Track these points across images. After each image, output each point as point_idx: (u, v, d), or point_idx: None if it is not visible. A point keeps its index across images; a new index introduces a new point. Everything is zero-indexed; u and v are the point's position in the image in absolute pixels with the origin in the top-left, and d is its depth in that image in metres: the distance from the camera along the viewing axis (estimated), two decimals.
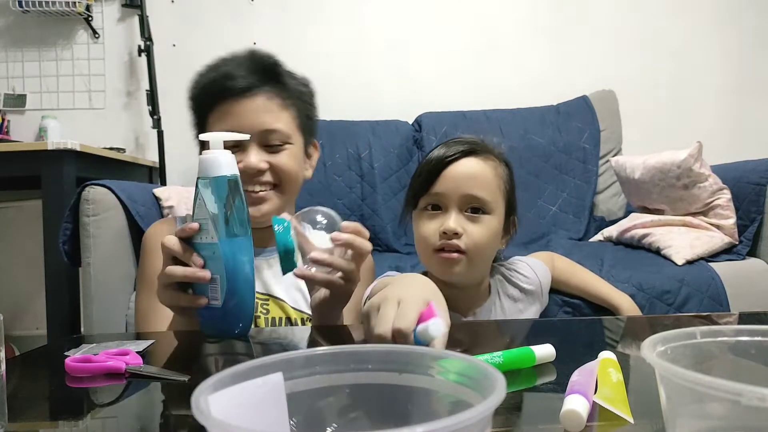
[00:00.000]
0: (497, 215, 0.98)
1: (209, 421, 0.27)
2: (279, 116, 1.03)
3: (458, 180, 0.96)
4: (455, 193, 0.96)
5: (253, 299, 0.79)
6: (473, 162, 0.98)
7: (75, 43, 2.52)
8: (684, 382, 0.33)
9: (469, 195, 0.95)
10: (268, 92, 1.03)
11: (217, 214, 0.75)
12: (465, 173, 0.97)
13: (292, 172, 1.05)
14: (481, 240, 0.95)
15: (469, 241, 0.94)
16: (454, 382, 0.34)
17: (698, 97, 2.50)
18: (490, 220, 0.96)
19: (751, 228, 1.65)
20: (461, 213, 0.96)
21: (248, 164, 1.00)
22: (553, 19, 2.51)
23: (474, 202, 0.96)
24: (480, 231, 0.95)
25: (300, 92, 1.08)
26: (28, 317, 2.39)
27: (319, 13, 2.50)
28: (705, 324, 0.58)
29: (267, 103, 1.02)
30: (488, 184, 0.97)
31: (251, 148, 1.01)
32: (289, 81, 1.06)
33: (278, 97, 1.03)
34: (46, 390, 0.58)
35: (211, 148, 0.78)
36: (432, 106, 2.30)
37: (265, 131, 1.02)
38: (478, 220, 0.96)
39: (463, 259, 0.95)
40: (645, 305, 1.44)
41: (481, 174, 0.97)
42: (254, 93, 1.02)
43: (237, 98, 1.01)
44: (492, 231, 0.97)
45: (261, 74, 1.03)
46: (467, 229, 0.95)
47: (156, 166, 2.37)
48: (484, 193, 0.96)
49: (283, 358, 0.36)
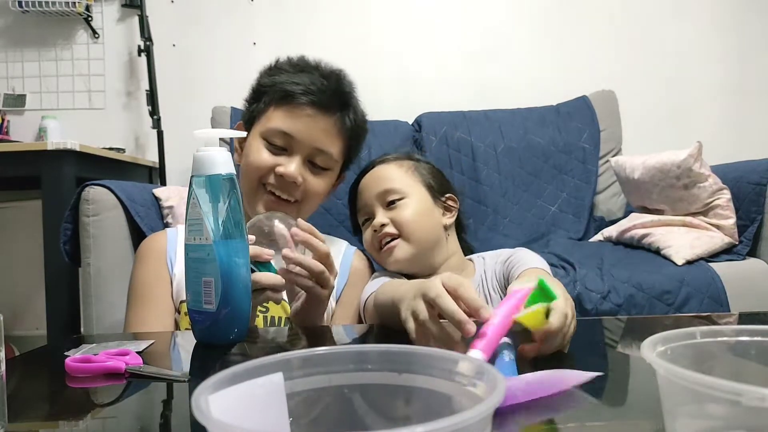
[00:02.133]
0: (416, 195, 1.10)
1: (209, 421, 0.27)
2: (335, 142, 1.09)
3: (368, 187, 1.12)
4: (371, 197, 1.11)
5: (249, 303, 0.76)
6: (378, 167, 1.15)
7: (75, 43, 2.52)
8: (684, 382, 0.33)
9: (381, 192, 1.09)
10: (340, 118, 1.09)
11: (212, 215, 0.72)
12: (372, 178, 1.13)
13: (318, 197, 1.11)
14: (406, 218, 1.07)
15: (396, 223, 1.07)
16: (454, 382, 0.34)
17: (698, 97, 2.50)
18: (409, 201, 1.09)
19: (751, 228, 1.65)
20: (384, 209, 1.09)
21: (288, 173, 1.03)
22: (553, 20, 2.51)
23: (388, 195, 1.09)
24: (402, 212, 1.07)
25: (359, 130, 1.14)
26: (28, 317, 2.39)
27: (319, 13, 2.50)
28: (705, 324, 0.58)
29: (334, 126, 1.08)
30: (393, 175, 1.11)
31: (296, 158, 1.05)
32: (357, 113, 1.13)
33: (344, 125, 1.10)
34: (46, 390, 0.58)
35: (205, 145, 0.74)
36: (432, 106, 2.30)
37: (318, 149, 1.07)
38: (398, 206, 1.08)
39: (399, 242, 1.06)
40: (645, 305, 1.44)
41: (386, 171, 1.13)
42: (330, 113, 1.07)
43: (314, 110, 1.05)
44: (415, 208, 1.08)
45: (341, 98, 1.10)
46: (392, 217, 1.07)
47: (156, 166, 2.37)
48: (392, 184, 1.10)
49: (283, 358, 0.36)
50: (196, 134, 0.78)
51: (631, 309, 1.44)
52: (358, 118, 1.13)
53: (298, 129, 1.05)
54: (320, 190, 1.10)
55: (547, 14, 2.51)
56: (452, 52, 2.51)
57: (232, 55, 2.43)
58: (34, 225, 1.95)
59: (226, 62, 2.42)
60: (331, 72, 1.12)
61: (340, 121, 1.09)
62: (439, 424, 0.24)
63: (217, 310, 0.72)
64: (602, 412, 0.46)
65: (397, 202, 1.08)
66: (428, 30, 2.51)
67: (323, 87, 1.07)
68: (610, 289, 1.45)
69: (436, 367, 0.36)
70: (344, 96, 1.11)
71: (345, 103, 1.10)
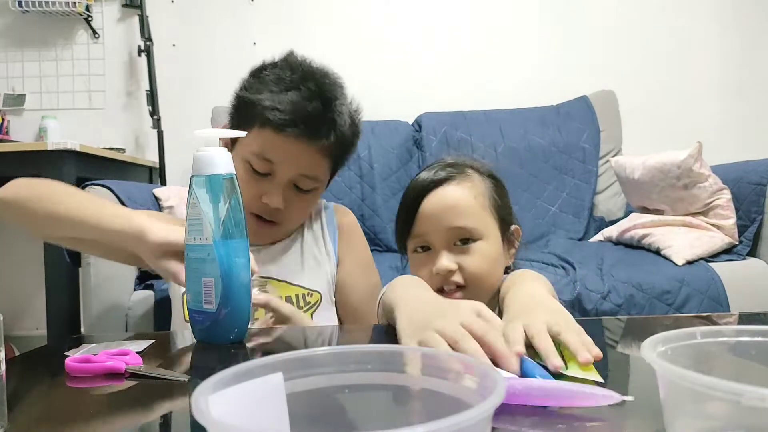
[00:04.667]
0: (491, 237, 0.90)
1: (209, 421, 0.27)
2: (321, 164, 1.02)
3: (437, 216, 0.89)
4: (437, 229, 0.89)
5: (249, 303, 0.75)
6: (448, 191, 0.90)
7: (75, 43, 2.52)
8: (684, 382, 0.33)
9: (453, 228, 0.88)
10: (327, 141, 0.99)
11: (212, 215, 0.72)
12: (441, 206, 0.89)
13: (301, 217, 1.09)
14: (478, 269, 0.87)
15: (466, 275, 0.87)
16: (454, 382, 0.34)
17: (698, 97, 2.50)
18: (484, 246, 0.88)
19: (751, 228, 1.65)
20: (451, 247, 0.88)
21: (273, 205, 1.00)
22: (553, 20, 2.51)
23: (460, 233, 0.88)
24: (475, 260, 0.87)
25: (348, 140, 1.05)
26: (28, 317, 2.39)
27: (319, 13, 2.50)
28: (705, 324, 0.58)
29: (319, 152, 1.00)
30: (469, 209, 0.89)
31: (280, 185, 1.00)
32: (345, 129, 1.02)
33: (328, 147, 1.01)
34: (46, 390, 0.58)
35: (205, 145, 0.74)
36: (432, 106, 2.30)
37: (302, 175, 1.01)
38: (470, 251, 0.88)
39: (466, 293, 0.88)
40: (645, 305, 1.44)
41: (459, 202, 0.89)
42: (317, 139, 0.98)
43: (298, 136, 0.97)
44: (489, 256, 0.89)
45: (322, 119, 0.99)
46: (461, 263, 0.87)
47: (156, 166, 2.37)
48: (467, 221, 0.88)
49: (283, 358, 0.36)
50: (196, 134, 0.78)
51: (631, 309, 1.44)
52: (346, 130, 1.03)
53: (282, 158, 0.98)
54: (305, 209, 1.08)
55: (548, 14, 2.51)
56: (452, 53, 2.51)
57: (232, 55, 2.43)
58: None
59: (226, 62, 2.42)
60: (317, 86, 1.00)
61: (326, 144, 1.00)
62: (439, 424, 0.24)
63: (217, 310, 0.72)
64: (602, 412, 0.46)
65: (470, 243, 0.88)
66: (428, 30, 2.52)
67: (310, 112, 0.97)
68: (610, 289, 1.45)
69: (435, 367, 0.36)
70: (331, 114, 1.00)
71: (332, 121, 1.00)
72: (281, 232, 1.08)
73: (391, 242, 2.05)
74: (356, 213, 2.09)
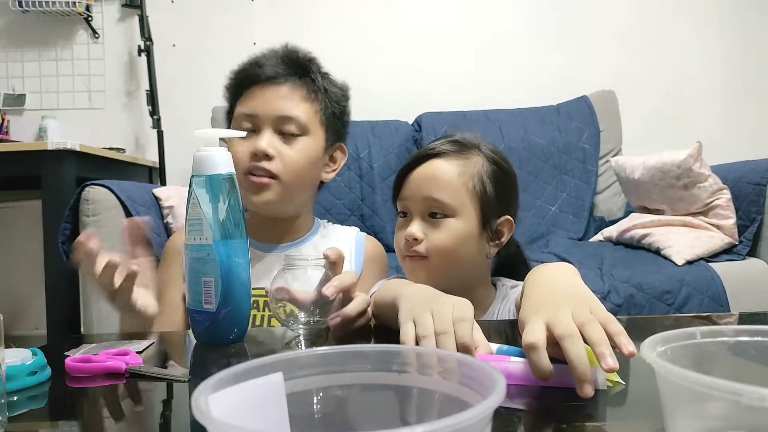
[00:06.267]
0: (465, 218, 0.91)
1: (209, 421, 0.27)
2: (299, 105, 1.04)
3: (418, 183, 0.93)
4: (416, 197, 0.92)
5: (248, 304, 0.76)
6: (436, 163, 0.93)
7: (75, 43, 2.52)
8: (684, 382, 0.33)
9: (427, 198, 0.91)
10: (294, 83, 1.04)
11: (212, 214, 0.72)
12: (423, 176, 0.93)
13: (297, 167, 1.02)
14: (440, 243, 0.90)
15: (430, 246, 0.90)
16: (453, 382, 0.34)
17: (698, 97, 2.50)
18: (454, 223, 0.90)
19: (751, 228, 1.65)
20: (425, 217, 0.92)
21: (257, 147, 1.00)
22: (553, 20, 2.51)
23: (434, 205, 0.91)
24: (441, 235, 0.90)
25: (329, 90, 1.08)
26: (28, 317, 2.39)
27: (319, 12, 2.50)
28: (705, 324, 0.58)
29: (290, 92, 1.04)
30: (448, 184, 0.91)
31: (265, 132, 1.02)
32: (318, 77, 1.07)
33: (303, 88, 1.04)
34: (46, 390, 0.58)
35: (205, 145, 0.74)
36: (432, 106, 2.30)
37: (281, 117, 1.02)
38: (440, 225, 0.90)
39: (426, 264, 0.91)
40: (645, 305, 1.44)
41: (442, 175, 0.92)
42: (279, 81, 1.04)
43: (262, 84, 1.03)
44: (457, 234, 0.90)
45: (290, 66, 1.05)
46: (428, 234, 0.90)
47: (156, 166, 2.37)
48: (442, 195, 0.90)
49: (283, 358, 0.36)
50: (196, 134, 0.78)
51: (631, 309, 1.44)
52: (322, 79, 1.07)
53: (255, 105, 1.03)
54: (299, 158, 1.03)
55: (548, 14, 2.51)
56: (453, 53, 2.51)
57: (232, 55, 2.41)
58: (34, 225, 1.95)
59: (226, 62, 2.41)
60: (278, 48, 1.09)
61: (299, 85, 1.04)
62: (439, 424, 0.24)
63: (217, 310, 0.72)
64: (602, 412, 0.46)
65: (439, 217, 0.91)
66: (428, 30, 2.52)
67: (268, 57, 1.06)
68: (610, 289, 1.45)
69: (435, 367, 0.36)
70: (296, 61, 1.06)
71: (298, 66, 1.06)
72: (282, 188, 1.03)
73: (391, 242, 2.05)
74: (356, 213, 2.10)
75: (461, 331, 0.57)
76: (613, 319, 0.52)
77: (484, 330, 0.61)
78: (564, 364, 0.49)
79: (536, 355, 0.50)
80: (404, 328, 0.60)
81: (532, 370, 0.50)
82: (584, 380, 0.48)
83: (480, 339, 0.59)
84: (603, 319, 0.52)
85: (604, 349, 0.48)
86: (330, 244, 1.10)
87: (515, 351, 0.56)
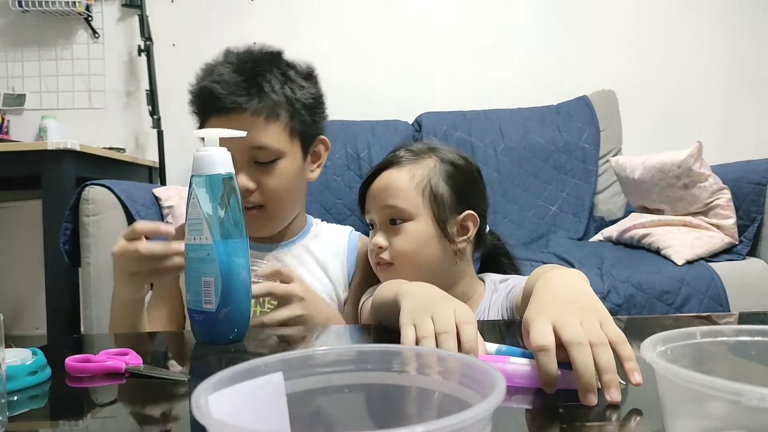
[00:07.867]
0: (421, 219, 0.96)
1: (209, 421, 0.27)
2: (266, 130, 0.97)
3: (377, 194, 0.99)
4: (376, 207, 0.98)
5: (249, 303, 0.76)
6: (390, 173, 0.99)
7: (75, 43, 2.52)
8: (684, 382, 0.33)
9: (385, 207, 0.97)
10: (254, 106, 0.96)
11: (212, 214, 0.72)
12: (380, 186, 0.99)
13: (280, 193, 1.01)
14: (402, 248, 0.95)
15: (393, 252, 0.96)
16: (453, 382, 0.34)
17: (698, 97, 2.50)
18: (413, 226, 0.96)
19: (751, 228, 1.65)
20: (386, 226, 0.97)
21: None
22: (553, 19, 2.51)
23: (391, 212, 0.96)
24: (401, 240, 0.95)
25: (292, 96, 1.01)
26: (28, 317, 2.39)
27: (319, 12, 2.50)
28: (705, 324, 0.58)
29: (252, 117, 0.96)
30: (401, 191, 0.96)
31: (241, 168, 0.97)
32: (277, 85, 0.99)
33: (264, 110, 0.97)
34: (46, 390, 0.58)
35: (205, 145, 0.75)
36: (432, 106, 2.30)
37: (252, 148, 0.97)
38: (399, 230, 0.96)
39: (393, 270, 0.96)
40: (645, 305, 1.44)
41: (395, 182, 0.97)
42: (238, 111, 0.96)
43: (222, 116, 0.97)
44: (415, 236, 0.95)
45: (247, 81, 0.97)
46: (391, 241, 0.96)
47: (156, 166, 2.37)
48: (396, 201, 0.96)
49: (283, 358, 0.36)
50: (196, 134, 0.78)
51: (631, 309, 1.44)
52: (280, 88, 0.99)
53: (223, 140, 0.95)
54: (280, 184, 1.00)
55: (548, 14, 2.51)
56: (452, 52, 2.51)
57: None
58: (34, 225, 1.95)
59: None
60: (229, 61, 1.01)
61: (260, 107, 0.96)
62: (439, 423, 0.24)
63: (217, 310, 0.72)
64: (602, 412, 0.46)
65: (399, 223, 0.96)
66: (428, 30, 2.51)
67: (223, 75, 0.97)
68: (610, 289, 1.45)
69: (435, 367, 0.36)
70: (252, 72, 0.98)
71: (256, 82, 0.97)
72: (271, 216, 1.03)
73: None
74: (356, 213, 2.10)
75: (467, 334, 0.57)
76: (624, 340, 0.51)
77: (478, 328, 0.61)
78: (568, 370, 0.49)
79: (546, 358, 0.49)
80: (404, 331, 0.60)
81: (540, 373, 0.50)
82: (589, 389, 0.47)
83: (479, 341, 0.59)
84: (613, 337, 0.51)
85: (611, 377, 0.48)
86: (322, 244, 1.12)
87: (515, 351, 0.56)
